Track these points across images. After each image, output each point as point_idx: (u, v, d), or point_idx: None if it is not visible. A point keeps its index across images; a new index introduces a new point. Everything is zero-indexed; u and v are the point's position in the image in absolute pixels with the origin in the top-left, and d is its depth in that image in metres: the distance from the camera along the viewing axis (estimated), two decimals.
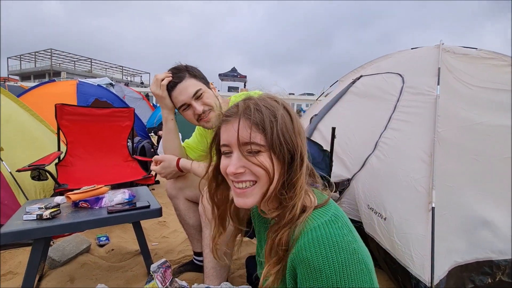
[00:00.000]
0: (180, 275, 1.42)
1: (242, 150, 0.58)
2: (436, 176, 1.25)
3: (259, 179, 0.59)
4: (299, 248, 0.53)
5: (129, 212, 1.18)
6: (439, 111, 1.44)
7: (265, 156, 0.58)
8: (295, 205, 0.58)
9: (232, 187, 0.63)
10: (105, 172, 2.29)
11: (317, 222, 0.55)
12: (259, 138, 0.58)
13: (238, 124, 0.58)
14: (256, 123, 0.58)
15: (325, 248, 0.50)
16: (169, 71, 1.17)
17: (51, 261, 1.48)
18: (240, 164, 0.59)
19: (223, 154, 0.64)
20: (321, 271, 0.49)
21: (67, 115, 2.29)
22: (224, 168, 0.62)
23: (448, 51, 1.79)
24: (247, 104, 0.61)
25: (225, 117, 0.62)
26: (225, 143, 0.61)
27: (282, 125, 0.59)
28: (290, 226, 0.58)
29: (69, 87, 4.17)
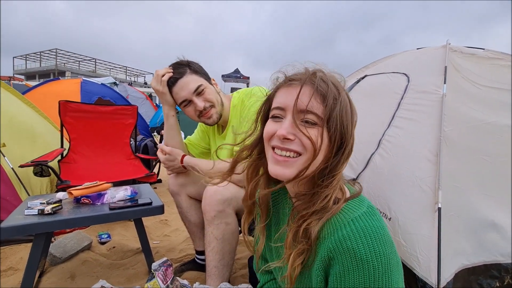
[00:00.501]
0: (182, 274, 1.41)
1: (296, 117, 0.55)
2: (443, 176, 1.23)
3: (305, 152, 0.56)
4: (341, 238, 0.51)
5: (130, 209, 1.17)
6: (445, 110, 1.41)
7: (318, 131, 0.55)
8: (328, 195, 0.55)
9: (271, 154, 0.58)
10: (108, 169, 2.29)
11: (356, 213, 0.54)
12: (319, 110, 0.55)
13: (300, 88, 0.55)
14: (320, 93, 0.55)
15: (371, 240, 0.50)
16: (170, 66, 1.16)
17: (52, 257, 1.47)
18: (292, 130, 0.55)
19: (271, 118, 0.60)
20: (368, 263, 0.49)
21: (71, 112, 2.29)
22: (270, 132, 0.58)
23: (455, 50, 1.76)
24: (314, 72, 0.57)
25: (289, 80, 0.58)
26: (281, 106, 0.58)
27: (343, 107, 0.56)
28: (320, 215, 0.55)
29: (73, 85, 4.19)
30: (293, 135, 0.55)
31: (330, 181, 0.56)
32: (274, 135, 0.58)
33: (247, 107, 1.15)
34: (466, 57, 1.70)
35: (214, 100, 1.16)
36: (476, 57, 1.70)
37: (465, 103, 1.46)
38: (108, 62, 39.11)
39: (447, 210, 1.16)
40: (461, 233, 1.16)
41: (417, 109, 1.55)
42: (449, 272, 1.08)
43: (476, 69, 1.61)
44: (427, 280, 1.04)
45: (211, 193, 1.05)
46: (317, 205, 0.55)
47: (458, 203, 1.20)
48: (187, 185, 1.30)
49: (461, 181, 1.25)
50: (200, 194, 1.26)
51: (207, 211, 1.05)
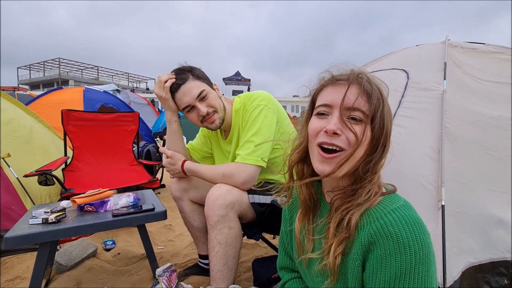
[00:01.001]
0: (186, 278, 1.41)
1: (344, 114, 0.58)
2: (446, 172, 1.21)
3: (348, 147, 0.59)
4: (383, 224, 0.54)
5: (133, 215, 1.17)
6: (446, 106, 1.40)
7: (362, 127, 0.58)
8: (371, 189, 0.59)
9: (317, 151, 0.61)
10: (111, 176, 2.30)
11: (396, 204, 0.56)
12: (365, 107, 0.58)
13: (347, 87, 0.58)
14: (366, 93, 0.58)
15: (413, 227, 0.52)
16: (173, 72, 1.17)
17: (58, 265, 1.48)
18: (340, 125, 0.58)
19: (315, 115, 0.63)
20: (410, 247, 0.51)
21: (73, 121, 2.32)
22: (317, 129, 0.61)
23: (455, 46, 1.75)
24: (359, 73, 0.60)
25: (336, 80, 0.61)
26: (328, 103, 0.61)
27: (387, 108, 0.60)
28: (362, 207, 0.58)
29: (76, 94, 4.23)
30: (340, 130, 0.58)
31: (373, 177, 0.60)
32: (320, 131, 0.60)
33: (249, 111, 1.15)
34: (466, 52, 1.69)
35: (217, 105, 1.17)
36: (477, 52, 1.68)
37: (467, 98, 1.44)
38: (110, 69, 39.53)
39: (452, 208, 1.15)
40: (466, 231, 1.14)
41: (417, 107, 1.54)
42: (456, 271, 1.07)
43: (477, 64, 1.60)
44: None
45: (213, 198, 1.05)
46: (361, 198, 0.58)
47: (463, 200, 1.19)
48: (189, 190, 1.30)
49: (465, 177, 1.23)
50: (203, 198, 1.27)
51: (210, 216, 1.05)
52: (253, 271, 1.33)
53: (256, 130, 1.12)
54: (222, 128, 1.28)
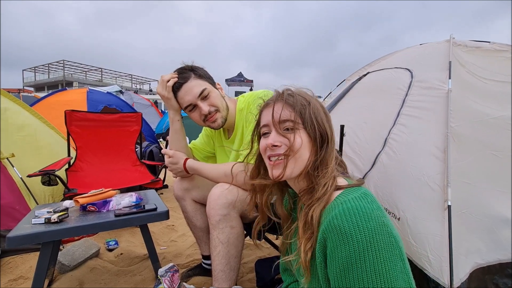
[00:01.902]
0: (189, 279, 1.40)
1: (278, 128, 0.68)
2: (451, 172, 1.19)
3: (292, 153, 0.66)
4: (331, 218, 0.56)
5: (136, 215, 1.17)
6: (451, 106, 1.38)
7: (299, 133, 0.67)
8: (326, 183, 0.63)
9: (267, 162, 0.71)
10: (114, 176, 2.31)
11: (347, 197, 0.59)
12: (291, 116, 0.67)
13: (273, 106, 0.69)
14: (289, 104, 0.68)
15: (355, 217, 0.54)
16: (175, 72, 1.17)
17: (60, 265, 1.48)
18: (277, 138, 0.67)
19: (262, 135, 0.73)
20: (352, 236, 0.52)
21: (77, 121, 2.33)
22: (263, 146, 0.71)
23: (459, 44, 1.73)
24: (283, 90, 0.71)
25: (265, 103, 0.74)
26: (265, 123, 0.71)
27: (314, 109, 0.68)
28: (321, 202, 0.62)
29: (80, 95, 4.26)
30: (279, 142, 0.67)
31: (325, 172, 0.65)
32: (266, 148, 0.70)
33: (253, 110, 1.15)
34: (470, 51, 1.67)
35: (219, 104, 1.16)
36: (481, 50, 1.66)
37: (471, 98, 1.42)
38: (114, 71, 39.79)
39: (458, 208, 1.13)
40: (473, 231, 1.12)
41: (422, 106, 1.52)
42: (464, 272, 1.05)
43: (482, 63, 1.57)
44: (439, 281, 1.01)
45: (215, 197, 1.04)
46: (318, 193, 0.63)
47: (469, 200, 1.17)
48: (191, 190, 1.30)
49: (471, 178, 1.21)
50: (205, 198, 1.26)
51: (211, 215, 1.04)
52: (256, 272, 1.32)
53: None
54: (225, 127, 1.27)
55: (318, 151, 0.67)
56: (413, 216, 1.19)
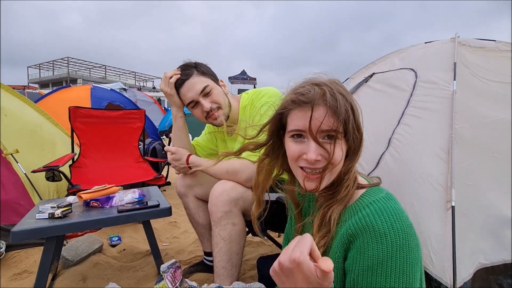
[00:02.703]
0: (191, 275, 1.41)
1: (319, 138, 0.59)
2: (455, 173, 1.18)
3: (331, 165, 0.60)
4: (361, 217, 0.56)
5: (138, 211, 1.18)
6: (456, 107, 1.37)
7: (339, 144, 0.60)
8: (348, 185, 0.62)
9: (301, 173, 0.63)
10: (117, 173, 2.32)
11: (375, 197, 0.59)
12: (334, 125, 0.58)
13: (311, 111, 0.58)
14: (333, 110, 0.58)
15: (390, 217, 0.54)
16: (178, 68, 1.17)
17: (64, 260, 1.50)
18: (319, 151, 0.59)
19: (291, 138, 0.63)
20: (386, 236, 0.52)
21: (81, 118, 2.34)
22: (296, 155, 0.62)
23: (464, 44, 1.71)
24: (322, 90, 0.59)
25: (299, 101, 0.60)
26: (299, 128, 0.61)
27: (357, 115, 0.61)
28: (343, 202, 0.61)
29: (84, 92, 4.28)
30: (319, 156, 0.60)
31: (349, 174, 0.62)
32: (300, 156, 0.62)
33: (256, 107, 1.14)
34: (475, 51, 1.65)
35: (221, 101, 1.16)
36: (485, 50, 1.64)
37: (474, 99, 1.41)
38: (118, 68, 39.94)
39: (461, 209, 1.12)
40: (477, 232, 1.11)
41: (426, 106, 1.51)
42: (467, 272, 1.04)
43: (486, 64, 1.56)
44: (441, 280, 1.01)
45: (217, 194, 1.05)
46: (341, 194, 0.62)
47: (473, 201, 1.16)
48: (194, 186, 1.30)
49: (474, 179, 1.21)
50: (207, 195, 1.26)
51: (213, 212, 1.05)
52: (258, 269, 1.32)
53: None
54: (227, 124, 1.27)
55: (350, 158, 0.63)
56: (416, 215, 1.19)
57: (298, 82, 0.65)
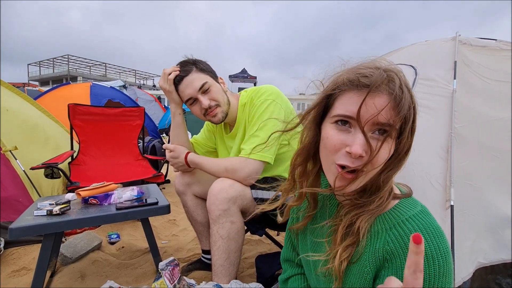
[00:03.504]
0: (189, 273, 1.41)
1: (370, 131, 0.50)
2: (454, 172, 1.18)
3: (371, 166, 0.51)
4: (402, 234, 0.51)
5: (137, 209, 1.17)
6: (455, 106, 1.37)
7: (389, 143, 0.50)
8: (383, 196, 0.54)
9: (335, 168, 0.53)
10: (117, 170, 2.32)
11: (414, 211, 0.53)
12: (394, 120, 0.49)
13: (371, 96, 0.48)
14: (397, 102, 0.48)
15: (435, 238, 0.49)
16: (178, 65, 1.16)
17: (63, 257, 1.50)
18: (365, 146, 0.49)
19: (333, 124, 0.53)
20: (434, 260, 0.48)
21: (80, 115, 2.33)
22: (337, 145, 0.52)
23: (464, 43, 1.70)
24: (390, 77, 0.49)
25: (359, 82, 0.49)
26: (348, 114, 0.50)
27: (416, 114, 0.52)
28: (374, 213, 0.55)
29: (83, 89, 4.28)
30: (365, 152, 0.50)
31: (386, 186, 0.55)
32: (341, 149, 0.52)
33: (256, 105, 1.14)
34: (476, 50, 1.64)
35: (220, 99, 1.15)
36: (487, 49, 1.63)
37: (474, 99, 1.41)
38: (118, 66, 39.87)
39: (460, 208, 1.12)
40: (476, 231, 1.11)
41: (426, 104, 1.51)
42: (467, 271, 1.04)
43: (487, 63, 1.55)
44: None
45: (215, 192, 1.04)
46: (374, 204, 0.54)
47: (472, 200, 1.16)
48: (193, 184, 1.30)
49: (474, 179, 1.20)
50: (206, 193, 1.26)
51: (211, 210, 1.04)
52: (256, 267, 1.32)
53: (263, 125, 1.10)
54: (227, 122, 1.27)
55: (393, 164, 0.53)
56: None
57: (358, 62, 0.54)
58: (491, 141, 1.29)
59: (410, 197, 0.58)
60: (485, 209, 1.16)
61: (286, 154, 1.18)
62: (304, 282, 0.80)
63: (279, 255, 0.89)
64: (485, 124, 1.33)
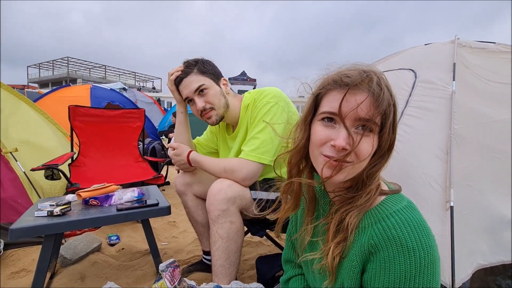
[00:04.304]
0: (189, 274, 1.40)
1: (352, 126, 0.54)
2: (454, 174, 1.19)
3: (356, 159, 0.54)
4: (385, 227, 0.53)
5: (138, 210, 1.18)
6: (455, 107, 1.38)
7: (371, 138, 0.54)
8: (371, 191, 0.57)
9: (322, 158, 0.56)
10: (117, 172, 2.32)
11: (399, 206, 0.55)
12: (373, 115, 0.53)
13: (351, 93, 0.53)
14: (375, 98, 0.52)
15: (416, 230, 0.51)
16: (183, 64, 1.20)
17: (62, 259, 1.49)
18: (349, 140, 0.53)
19: (320, 121, 0.58)
20: (414, 250, 0.50)
21: (80, 117, 2.34)
22: (323, 139, 0.56)
23: (464, 46, 1.71)
24: (369, 76, 0.53)
25: (341, 82, 0.54)
26: (331, 111, 0.55)
27: (396, 112, 0.55)
28: (362, 209, 0.57)
29: (83, 91, 4.28)
30: (349, 145, 0.54)
31: (373, 177, 0.58)
32: (326, 142, 0.56)
33: (258, 107, 1.14)
34: (475, 52, 1.66)
35: (216, 102, 1.16)
36: (486, 52, 1.65)
37: (474, 100, 1.42)
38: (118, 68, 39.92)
39: (460, 209, 1.12)
40: (476, 232, 1.11)
41: (426, 106, 1.52)
42: (466, 273, 1.04)
43: (486, 65, 1.56)
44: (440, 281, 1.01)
45: (214, 192, 1.05)
46: (361, 200, 0.57)
47: (472, 201, 1.16)
48: (193, 185, 1.30)
49: (474, 180, 1.21)
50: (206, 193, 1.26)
51: (211, 210, 1.05)
52: (257, 268, 1.32)
53: (263, 127, 1.11)
54: (228, 123, 1.29)
55: (377, 159, 0.57)
56: None
57: (343, 65, 0.58)
58: (491, 142, 1.29)
59: (398, 193, 0.60)
60: (485, 210, 1.16)
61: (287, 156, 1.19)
62: (304, 282, 0.81)
63: (280, 256, 0.89)
64: (485, 125, 1.33)
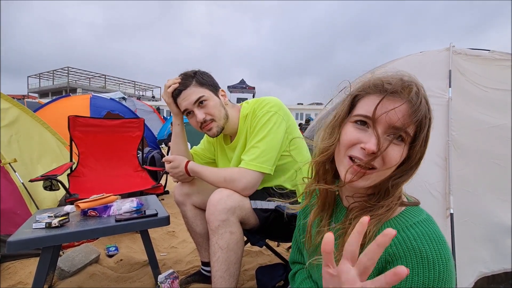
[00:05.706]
0: (188, 285, 1.39)
1: (385, 133, 0.54)
2: (453, 180, 1.19)
3: (383, 167, 0.54)
4: (405, 238, 0.53)
5: (136, 220, 1.17)
6: (452, 114, 1.39)
7: (401, 147, 0.54)
8: (393, 201, 0.57)
9: (348, 162, 0.57)
10: (116, 181, 2.31)
11: (418, 218, 0.55)
12: (409, 126, 0.53)
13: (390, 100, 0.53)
14: (413, 108, 0.52)
15: (437, 243, 0.51)
16: (180, 76, 1.19)
17: (60, 271, 1.47)
18: (379, 146, 0.53)
19: (353, 123, 0.58)
20: (435, 264, 0.50)
21: (80, 127, 2.34)
22: (353, 141, 0.56)
23: (459, 53, 1.74)
24: (410, 86, 0.54)
25: (382, 87, 0.55)
26: (366, 114, 0.55)
27: (430, 128, 0.55)
28: (381, 219, 0.56)
29: (83, 101, 4.30)
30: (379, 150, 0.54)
31: (394, 192, 0.57)
32: (356, 144, 0.56)
33: (258, 116, 1.15)
34: (470, 59, 1.68)
35: (216, 113, 1.16)
36: (481, 59, 1.67)
37: (471, 106, 1.43)
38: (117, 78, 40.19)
39: (460, 216, 1.12)
40: (477, 240, 1.11)
41: None
42: (468, 281, 1.03)
43: (482, 71, 1.58)
44: None
45: (214, 202, 1.04)
46: (382, 210, 0.56)
47: (472, 208, 1.16)
48: (192, 195, 1.30)
49: (473, 186, 1.21)
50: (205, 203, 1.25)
51: (210, 221, 1.04)
52: (257, 279, 1.30)
53: (263, 136, 1.11)
54: (227, 133, 1.28)
55: (405, 170, 0.56)
56: None
57: (387, 72, 0.59)
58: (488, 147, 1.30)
59: (417, 206, 0.59)
60: (485, 217, 1.16)
61: (287, 164, 1.19)
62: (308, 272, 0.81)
63: (280, 266, 0.89)
64: (482, 130, 1.34)
